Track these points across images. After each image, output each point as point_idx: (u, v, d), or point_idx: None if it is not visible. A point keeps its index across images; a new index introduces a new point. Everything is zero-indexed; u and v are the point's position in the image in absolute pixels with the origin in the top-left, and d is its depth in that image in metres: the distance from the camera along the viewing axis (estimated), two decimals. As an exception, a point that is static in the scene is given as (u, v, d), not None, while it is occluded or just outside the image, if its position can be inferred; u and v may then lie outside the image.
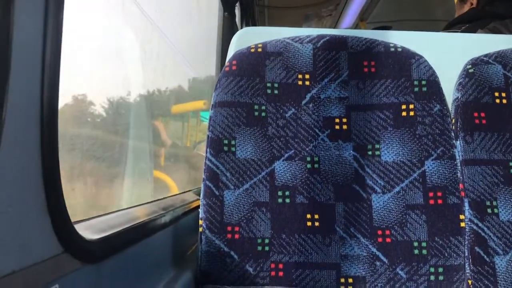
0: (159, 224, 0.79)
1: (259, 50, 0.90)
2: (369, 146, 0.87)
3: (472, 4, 1.50)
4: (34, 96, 0.42)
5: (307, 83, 0.89)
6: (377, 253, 0.82)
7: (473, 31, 1.36)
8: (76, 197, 0.96)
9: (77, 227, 0.50)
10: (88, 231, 0.55)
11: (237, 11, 2.12)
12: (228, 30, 1.74)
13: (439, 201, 0.83)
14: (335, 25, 3.08)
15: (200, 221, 0.84)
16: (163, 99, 1.79)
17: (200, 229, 0.83)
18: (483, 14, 1.42)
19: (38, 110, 0.43)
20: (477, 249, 0.83)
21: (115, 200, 1.25)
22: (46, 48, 0.43)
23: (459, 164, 0.86)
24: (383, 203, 0.84)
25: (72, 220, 0.49)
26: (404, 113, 0.87)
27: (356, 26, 2.97)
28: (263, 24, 2.93)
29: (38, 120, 0.43)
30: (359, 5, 2.70)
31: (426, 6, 2.64)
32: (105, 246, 0.56)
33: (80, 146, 1.02)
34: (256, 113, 0.87)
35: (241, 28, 2.06)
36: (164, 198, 1.04)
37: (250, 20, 2.51)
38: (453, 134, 0.87)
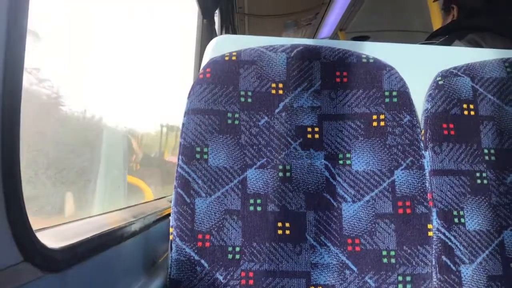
0: (129, 232, 0.78)
1: (233, 58, 0.90)
2: (340, 155, 0.88)
3: (454, 16, 1.54)
4: None
5: (280, 92, 0.90)
6: (347, 261, 0.83)
7: (450, 42, 1.39)
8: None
9: (40, 235, 0.49)
10: (52, 239, 0.54)
11: (217, 19, 2.12)
12: (206, 37, 1.74)
13: (408, 211, 0.84)
14: (314, 34, 3.11)
15: (170, 229, 0.83)
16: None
17: (171, 237, 0.83)
18: (463, 26, 1.45)
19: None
20: (444, 258, 0.85)
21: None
22: (9, 48, 0.42)
23: (427, 174, 0.87)
24: (353, 212, 0.85)
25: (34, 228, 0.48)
26: (375, 123, 0.88)
27: (335, 35, 3.00)
28: (243, 31, 2.94)
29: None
30: (338, 15, 2.73)
31: (405, 18, 2.69)
32: (69, 254, 0.55)
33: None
34: (229, 121, 0.87)
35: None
36: (136, 205, 1.03)
37: (230, 27, 2.51)
38: (422, 144, 0.88)
